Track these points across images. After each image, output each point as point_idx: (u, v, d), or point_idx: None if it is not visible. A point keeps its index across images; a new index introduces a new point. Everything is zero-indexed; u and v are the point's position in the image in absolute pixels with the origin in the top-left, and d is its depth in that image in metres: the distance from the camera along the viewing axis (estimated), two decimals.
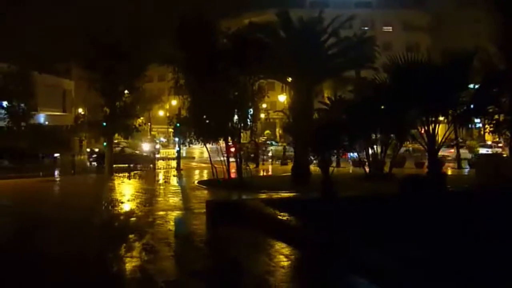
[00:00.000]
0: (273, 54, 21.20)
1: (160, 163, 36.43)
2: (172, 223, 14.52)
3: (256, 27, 23.89)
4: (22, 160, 31.81)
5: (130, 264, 9.64)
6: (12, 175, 27.45)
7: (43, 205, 18.59)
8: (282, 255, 10.20)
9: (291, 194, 19.35)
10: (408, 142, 28.42)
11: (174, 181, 27.10)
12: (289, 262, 9.88)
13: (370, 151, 25.54)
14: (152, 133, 76.05)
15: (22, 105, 44.89)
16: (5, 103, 44.63)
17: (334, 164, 22.45)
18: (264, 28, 23.82)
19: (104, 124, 31.13)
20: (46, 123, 54.93)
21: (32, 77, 46.45)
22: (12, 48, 46.54)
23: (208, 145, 23.36)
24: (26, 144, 38.35)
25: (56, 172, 30.77)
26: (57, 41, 42.48)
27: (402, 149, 29.28)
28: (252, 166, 28.29)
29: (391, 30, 74.87)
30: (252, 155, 29.73)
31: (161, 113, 76.82)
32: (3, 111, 44.80)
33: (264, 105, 25.00)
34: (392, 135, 24.10)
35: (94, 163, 35.02)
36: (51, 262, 9.88)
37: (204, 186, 22.79)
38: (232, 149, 22.99)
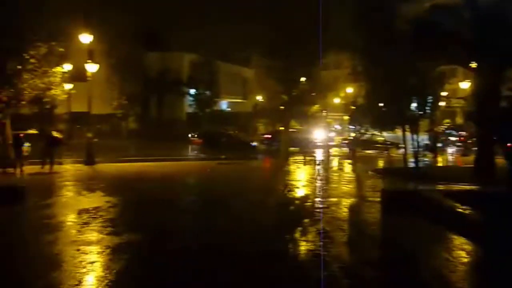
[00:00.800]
0: (455, 38, 19.93)
1: (335, 150, 36.61)
2: (346, 210, 14.55)
3: (437, 10, 22.57)
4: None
5: (303, 247, 9.91)
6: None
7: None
8: (462, 250, 9.69)
9: (473, 187, 18.18)
10: None
11: (348, 168, 27.05)
12: (470, 259, 9.35)
13: None
14: (327, 120, 76.51)
15: (207, 92, 48.26)
16: (192, 91, 48.37)
17: None
18: (446, 10, 22.42)
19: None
20: (228, 109, 58.29)
21: (216, 66, 49.59)
22: (198, 38, 50.00)
23: (384, 133, 22.85)
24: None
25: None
26: (238, 30, 44.65)
27: None
28: (430, 156, 27.14)
29: None
30: (430, 145, 28.48)
31: (336, 100, 76.86)
32: (191, 98, 48.56)
33: (444, 93, 23.67)
34: None
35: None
36: (233, 235, 10.58)
37: (379, 175, 22.42)
38: None
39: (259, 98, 69.37)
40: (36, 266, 8.59)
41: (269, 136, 38.66)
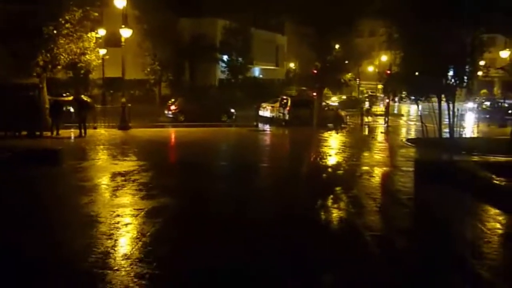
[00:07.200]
0: (500, 4, 19.15)
1: (367, 119, 36.19)
2: (378, 179, 14.47)
3: None
4: None
5: (337, 215, 9.92)
6: None
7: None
8: (497, 222, 9.58)
9: (509, 158, 17.82)
10: None
11: (381, 137, 26.80)
12: (505, 230, 9.22)
13: None
14: (360, 88, 75.67)
15: (240, 59, 48.04)
16: (225, 57, 48.19)
17: None
18: None
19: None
20: (261, 76, 58.02)
21: (249, 33, 49.18)
22: (231, 4, 49.61)
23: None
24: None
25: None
26: None
27: None
28: (464, 126, 26.68)
29: None
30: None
31: (370, 69, 75.80)
32: (224, 65, 48.43)
33: (482, 62, 22.95)
34: None
35: None
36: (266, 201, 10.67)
37: (412, 144, 22.16)
38: None
39: (292, 65, 69.05)
40: (73, 227, 8.83)
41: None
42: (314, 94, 33.49)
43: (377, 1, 24.27)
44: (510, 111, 39.55)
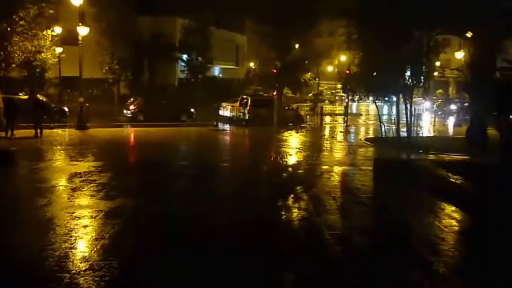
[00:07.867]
0: (454, 7, 19.63)
1: (327, 119, 36.58)
2: (338, 178, 14.62)
3: None
4: None
5: (297, 214, 9.96)
6: None
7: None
8: (453, 219, 9.80)
9: (465, 157, 18.33)
10: None
11: (340, 137, 27.11)
12: (461, 227, 9.45)
13: None
14: (320, 88, 76.44)
15: (200, 58, 47.79)
16: (185, 56, 47.87)
17: None
18: None
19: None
20: (221, 75, 57.92)
21: (209, 32, 48.99)
22: (191, 3, 49.25)
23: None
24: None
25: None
26: None
27: None
28: (421, 126, 27.25)
29: None
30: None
31: (329, 68, 76.62)
32: (183, 64, 48.10)
33: (437, 63, 23.54)
34: None
35: None
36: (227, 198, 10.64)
37: (371, 144, 22.50)
38: None
39: (252, 64, 69.17)
40: (29, 230, 8.58)
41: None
42: (274, 93, 33.67)
43: (337, 1, 24.55)
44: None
